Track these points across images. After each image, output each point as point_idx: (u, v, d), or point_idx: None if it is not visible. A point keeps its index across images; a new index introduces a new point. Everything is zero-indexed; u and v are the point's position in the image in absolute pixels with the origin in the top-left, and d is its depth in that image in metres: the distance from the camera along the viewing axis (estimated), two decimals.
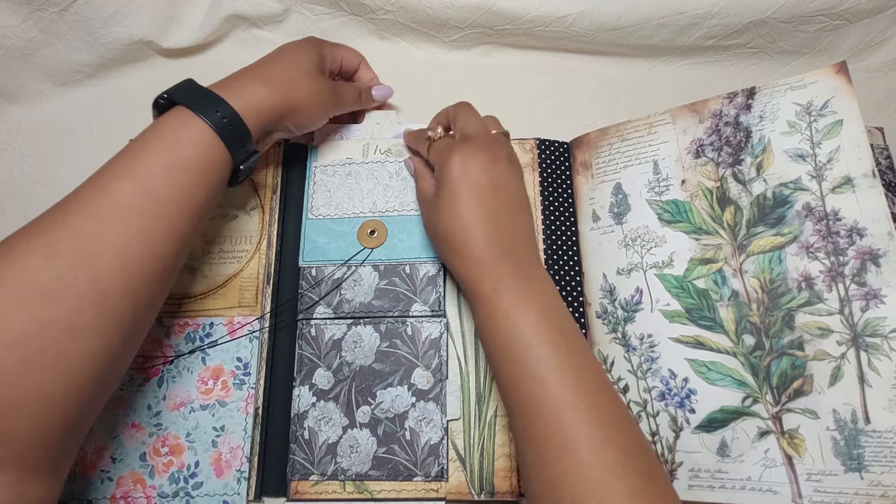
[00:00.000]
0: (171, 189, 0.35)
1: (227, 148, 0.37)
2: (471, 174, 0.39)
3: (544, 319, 0.35)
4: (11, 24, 0.52)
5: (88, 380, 0.31)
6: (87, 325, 0.31)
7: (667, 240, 0.45)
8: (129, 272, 0.33)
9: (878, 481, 0.35)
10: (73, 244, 0.31)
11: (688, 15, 0.53)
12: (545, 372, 0.33)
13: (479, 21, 0.55)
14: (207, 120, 0.36)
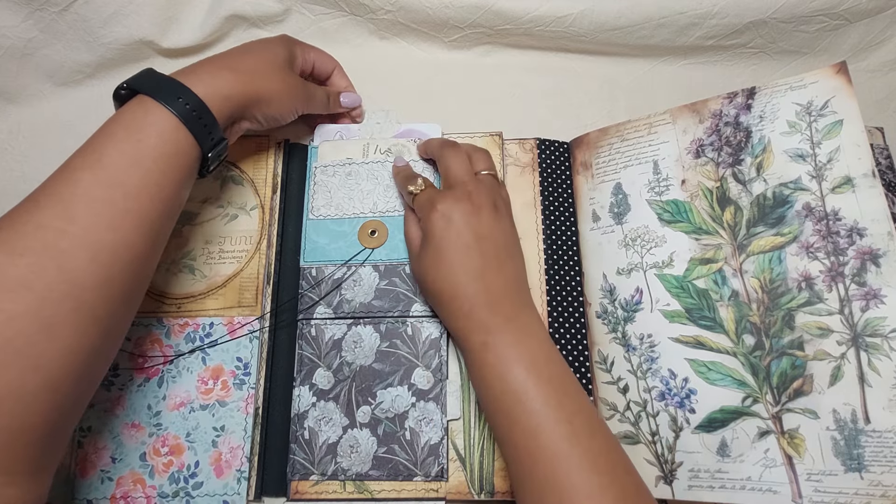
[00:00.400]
0: (139, 179, 0.34)
1: (193, 136, 0.37)
2: (453, 229, 0.39)
3: (534, 371, 0.35)
4: (11, 24, 0.52)
5: (66, 376, 0.31)
6: (60, 320, 0.30)
7: (667, 240, 0.45)
8: (99, 264, 0.32)
9: (878, 481, 0.35)
10: (39, 238, 0.31)
11: (688, 15, 0.53)
12: (536, 423, 0.34)
13: (479, 21, 0.55)
14: (171, 108, 0.36)
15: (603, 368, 0.45)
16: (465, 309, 0.38)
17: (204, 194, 0.50)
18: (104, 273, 0.32)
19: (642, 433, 0.42)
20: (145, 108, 0.36)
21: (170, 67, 0.60)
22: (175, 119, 0.36)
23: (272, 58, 0.44)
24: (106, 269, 0.32)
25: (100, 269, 0.32)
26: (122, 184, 0.34)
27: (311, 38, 0.59)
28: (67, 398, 0.31)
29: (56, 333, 0.30)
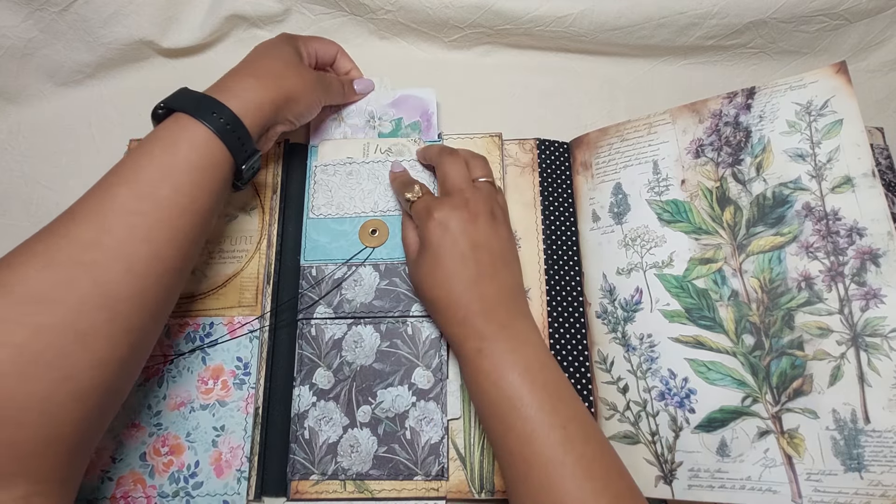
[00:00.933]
0: (172, 192, 0.35)
1: (228, 149, 0.37)
2: (449, 237, 0.39)
3: (528, 378, 0.36)
4: (11, 24, 0.52)
5: (95, 388, 0.31)
6: (94, 330, 0.31)
7: (666, 240, 0.45)
8: (133, 275, 0.32)
9: (877, 481, 0.35)
10: (72, 252, 0.31)
11: (688, 15, 0.53)
12: (531, 430, 0.34)
13: (479, 21, 0.55)
14: (207, 123, 0.36)
15: (603, 368, 0.45)
16: (459, 316, 0.38)
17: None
18: (138, 284, 0.33)
19: (642, 433, 0.42)
20: (181, 124, 0.37)
21: (170, 67, 0.60)
22: (209, 133, 0.36)
23: (286, 56, 0.44)
24: (140, 281, 0.33)
25: (134, 280, 0.32)
26: (156, 196, 0.34)
27: None
28: (96, 409, 0.32)
29: (89, 345, 0.30)
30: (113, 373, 0.32)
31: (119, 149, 0.53)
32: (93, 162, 0.55)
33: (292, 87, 0.42)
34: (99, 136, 0.57)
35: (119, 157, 0.52)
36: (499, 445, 0.36)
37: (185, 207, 0.35)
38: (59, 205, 0.53)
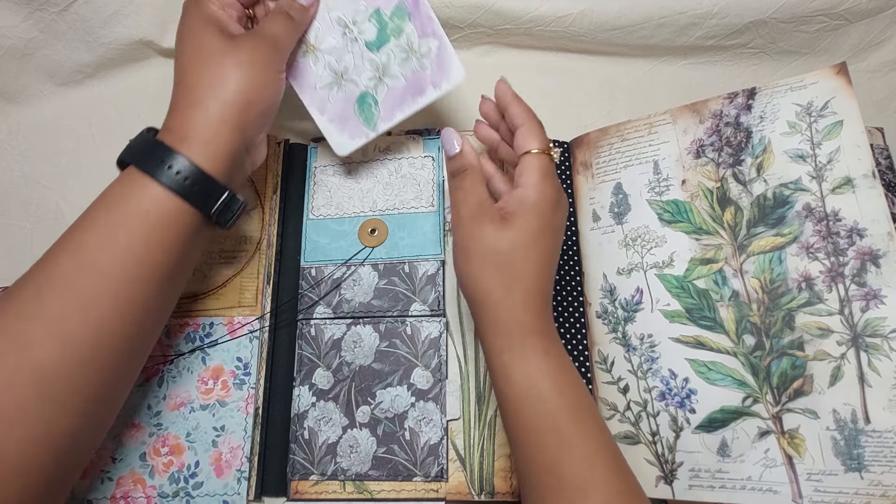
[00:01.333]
0: (117, 259, 0.32)
1: (187, 202, 0.33)
2: (560, 214, 0.36)
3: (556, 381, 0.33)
4: (11, 24, 0.52)
5: (34, 463, 0.29)
6: (23, 409, 0.29)
7: (667, 240, 0.45)
8: (70, 351, 0.30)
9: (878, 481, 0.35)
10: (11, 324, 0.30)
11: (688, 15, 0.53)
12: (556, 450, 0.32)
13: (479, 21, 0.55)
14: (159, 178, 0.33)
15: (603, 368, 0.45)
16: (538, 305, 0.34)
17: None
18: (74, 360, 0.30)
19: (642, 433, 0.42)
20: (131, 179, 0.33)
21: (170, 67, 0.60)
22: (161, 188, 0.33)
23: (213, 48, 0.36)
24: (75, 356, 0.30)
25: (69, 356, 0.30)
26: (98, 266, 0.31)
27: None
28: (44, 479, 0.30)
29: (17, 422, 0.29)
30: (57, 446, 0.30)
31: (119, 149, 0.52)
32: (93, 162, 0.55)
33: (241, 89, 0.35)
34: (99, 136, 0.57)
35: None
36: (519, 453, 0.34)
37: (134, 276, 0.32)
38: (58, 205, 0.54)
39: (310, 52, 0.42)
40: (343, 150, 0.44)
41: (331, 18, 0.42)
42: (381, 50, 0.42)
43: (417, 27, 0.41)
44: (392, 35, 0.42)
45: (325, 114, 0.44)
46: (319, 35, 0.42)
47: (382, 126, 0.43)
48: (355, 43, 0.42)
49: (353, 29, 0.42)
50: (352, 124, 0.44)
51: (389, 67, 0.43)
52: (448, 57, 0.42)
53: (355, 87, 0.43)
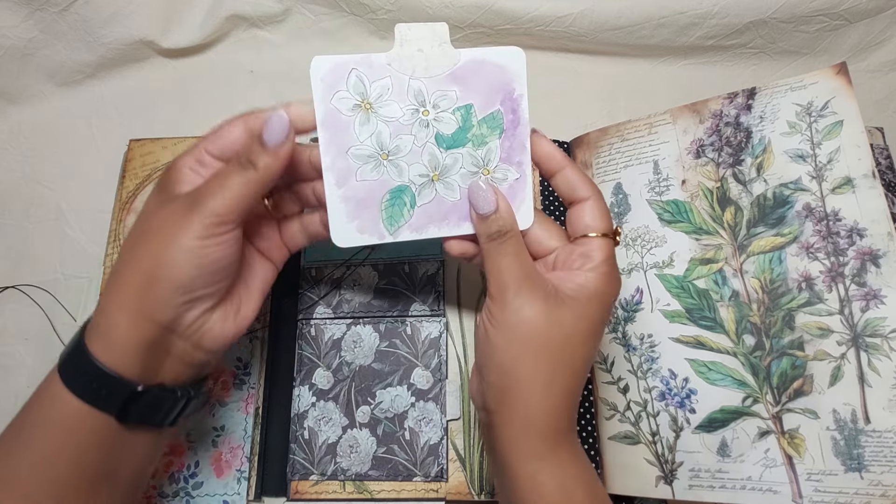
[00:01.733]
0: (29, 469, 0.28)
1: (91, 405, 0.29)
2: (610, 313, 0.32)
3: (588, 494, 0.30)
4: (11, 24, 0.52)
5: None
6: None
7: (667, 240, 0.45)
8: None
9: (878, 481, 0.35)
10: None
11: (688, 15, 0.53)
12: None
13: (479, 21, 0.55)
14: (62, 377, 0.29)
15: (603, 368, 0.45)
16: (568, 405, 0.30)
17: None
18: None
19: (643, 433, 0.42)
20: (50, 376, 0.30)
21: (170, 67, 0.60)
22: (65, 389, 0.29)
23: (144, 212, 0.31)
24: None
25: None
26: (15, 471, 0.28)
27: (311, 38, 0.59)
28: None
29: None
30: None
31: (119, 149, 0.53)
32: (93, 162, 0.55)
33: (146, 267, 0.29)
34: (99, 136, 0.57)
35: (119, 157, 0.52)
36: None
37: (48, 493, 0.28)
38: (58, 205, 0.54)
39: (362, 109, 0.32)
40: (343, 241, 0.33)
41: (409, 85, 0.33)
42: (450, 150, 0.34)
43: (504, 148, 0.34)
44: (472, 141, 0.34)
45: (342, 188, 0.33)
46: (386, 96, 0.33)
47: (405, 234, 0.34)
48: (424, 127, 0.33)
49: (429, 111, 0.33)
50: (369, 216, 0.33)
51: (450, 173, 0.34)
52: (523, 197, 0.34)
53: (396, 175, 0.33)
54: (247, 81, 0.58)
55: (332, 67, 0.32)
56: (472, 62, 0.34)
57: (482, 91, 0.34)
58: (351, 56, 0.32)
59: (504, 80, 0.34)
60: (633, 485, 0.42)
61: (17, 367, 0.48)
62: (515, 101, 0.35)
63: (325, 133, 0.32)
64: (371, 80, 0.32)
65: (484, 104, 0.34)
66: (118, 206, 0.50)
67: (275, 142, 0.29)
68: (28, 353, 0.49)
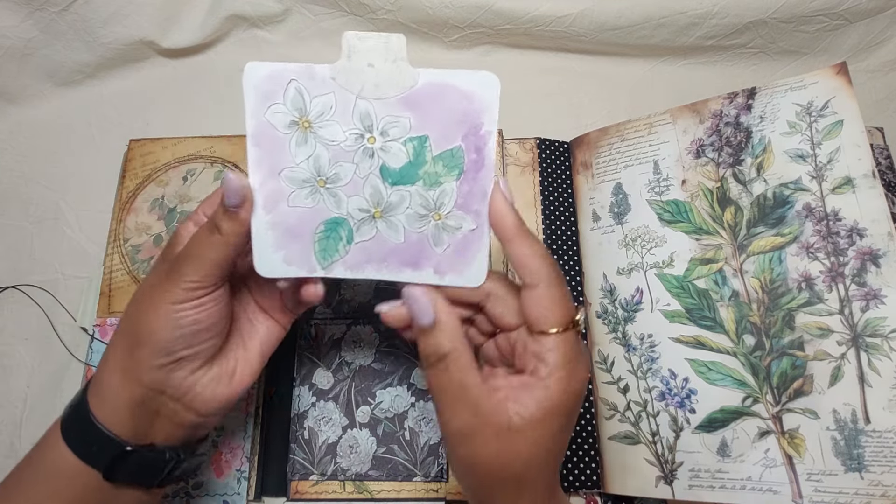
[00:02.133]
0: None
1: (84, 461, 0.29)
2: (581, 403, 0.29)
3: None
4: (11, 24, 0.52)
5: None
6: None
7: (667, 240, 0.45)
8: None
9: (878, 481, 0.35)
10: None
11: (688, 15, 0.53)
12: None
13: (479, 21, 0.55)
14: (63, 431, 0.30)
15: (603, 368, 0.45)
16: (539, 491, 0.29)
17: (204, 194, 0.50)
18: None
19: (643, 433, 0.42)
20: (53, 427, 0.31)
21: (170, 68, 0.60)
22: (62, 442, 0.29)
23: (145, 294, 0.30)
24: None
25: None
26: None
27: (310, 37, 0.59)
28: None
29: None
30: None
31: (119, 149, 0.53)
32: (93, 162, 0.55)
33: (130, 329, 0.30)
34: (99, 136, 0.57)
35: (119, 157, 0.52)
36: None
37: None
38: (58, 205, 0.54)
39: (300, 127, 0.29)
40: (267, 272, 0.30)
41: (355, 105, 0.28)
42: (396, 186, 0.29)
43: (462, 193, 0.29)
44: (423, 179, 0.29)
45: (271, 213, 0.29)
46: (328, 115, 0.29)
47: (338, 271, 0.30)
48: (369, 157, 0.29)
49: (375, 138, 0.29)
50: (299, 247, 0.30)
51: (395, 212, 0.30)
52: (476, 253, 0.30)
53: (334, 206, 0.30)
54: None
55: (267, 75, 0.28)
56: (432, 85, 0.28)
57: (441, 122, 0.28)
58: (291, 64, 0.28)
59: (470, 112, 0.28)
60: (633, 485, 0.42)
61: (17, 367, 0.48)
62: (482, 138, 0.28)
63: (255, 150, 0.29)
64: (312, 94, 0.28)
65: (442, 138, 0.28)
66: (118, 206, 0.50)
67: (233, 204, 0.28)
68: (28, 353, 0.49)
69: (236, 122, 0.57)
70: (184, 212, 0.49)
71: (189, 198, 0.50)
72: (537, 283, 0.28)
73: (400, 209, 0.30)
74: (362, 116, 0.28)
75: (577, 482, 0.43)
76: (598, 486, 0.43)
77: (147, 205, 0.50)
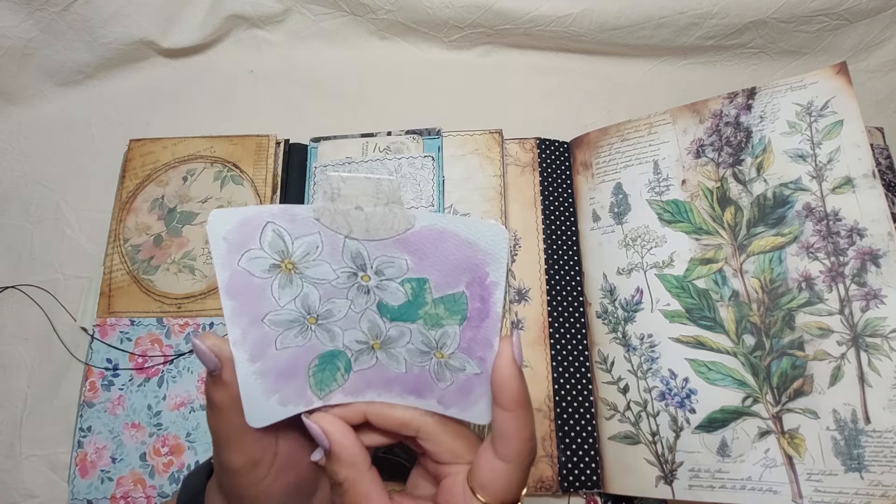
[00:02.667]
0: None
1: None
2: None
3: None
4: (11, 24, 0.52)
5: None
6: None
7: (667, 240, 0.45)
8: None
9: (878, 481, 0.35)
10: None
11: (688, 15, 0.53)
12: None
13: (479, 21, 0.55)
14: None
15: (603, 368, 0.45)
16: None
17: (204, 194, 0.50)
18: None
19: (642, 433, 0.42)
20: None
21: (170, 68, 0.60)
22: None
23: None
24: None
25: None
26: None
27: (311, 37, 0.59)
28: None
29: None
30: None
31: (119, 149, 0.53)
32: (93, 162, 0.55)
33: None
34: (99, 136, 0.57)
35: (119, 157, 0.52)
36: None
37: None
38: (58, 205, 0.54)
39: (282, 270, 0.26)
40: (259, 421, 0.27)
41: (345, 244, 0.26)
42: (395, 322, 0.27)
43: (465, 338, 0.27)
44: (424, 319, 0.27)
45: (257, 361, 0.27)
46: (314, 255, 0.26)
47: (336, 398, 0.28)
48: (364, 293, 0.27)
49: (370, 277, 0.26)
50: (294, 385, 0.28)
51: (395, 345, 0.28)
52: (482, 395, 0.28)
53: (327, 341, 0.28)
54: (247, 81, 0.58)
55: (239, 223, 0.25)
56: (431, 231, 0.25)
57: (442, 267, 0.26)
58: (264, 207, 0.25)
59: (474, 262, 0.25)
60: (633, 485, 0.42)
61: (17, 367, 0.48)
62: (487, 288, 0.26)
63: (231, 302, 0.26)
64: (294, 235, 0.25)
65: (443, 282, 0.26)
66: (118, 206, 0.50)
67: (211, 370, 0.26)
68: (28, 353, 0.49)
69: (236, 122, 0.57)
70: (184, 212, 0.49)
71: (189, 198, 0.50)
72: (510, 461, 0.25)
73: (400, 343, 0.28)
74: (353, 255, 0.26)
75: (577, 482, 0.43)
76: (598, 486, 0.43)
77: (147, 205, 0.50)
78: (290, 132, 0.53)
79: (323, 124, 0.56)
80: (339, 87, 0.58)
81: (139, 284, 0.47)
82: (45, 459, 0.45)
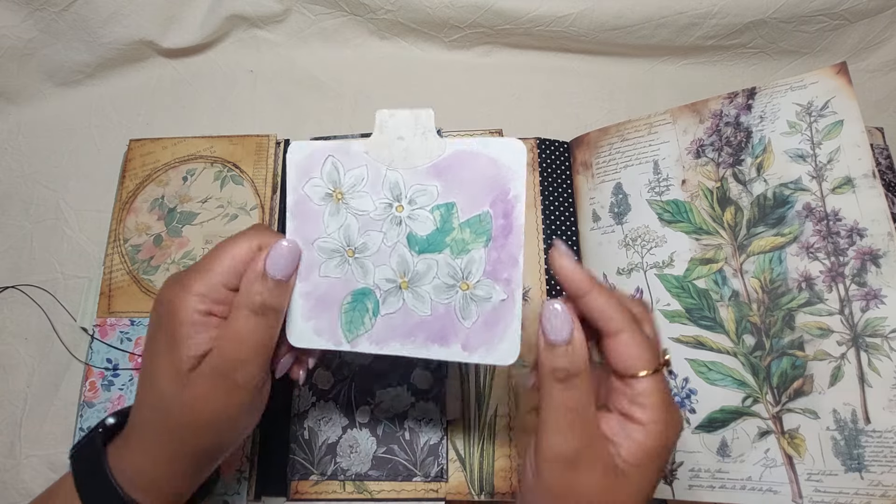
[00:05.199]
0: None
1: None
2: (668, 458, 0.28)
3: None
4: (11, 24, 0.52)
5: None
6: None
7: (667, 240, 0.45)
8: None
9: (878, 481, 0.35)
10: None
11: (688, 15, 0.53)
12: None
13: (479, 21, 0.55)
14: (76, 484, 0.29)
15: None
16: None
17: (204, 194, 0.50)
18: None
19: None
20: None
21: (170, 67, 0.60)
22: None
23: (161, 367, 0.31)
24: None
25: None
26: None
27: (311, 38, 0.59)
28: None
29: None
30: None
31: (119, 149, 0.53)
32: (93, 162, 0.55)
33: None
34: (99, 136, 0.57)
35: (119, 157, 0.52)
36: None
37: None
38: (58, 205, 0.54)
39: (333, 198, 0.31)
40: (298, 341, 0.31)
41: (385, 177, 0.30)
42: (423, 254, 0.30)
43: (490, 260, 0.29)
44: (450, 247, 0.29)
45: (303, 281, 0.31)
46: (359, 186, 0.30)
47: (364, 345, 0.31)
48: (396, 225, 0.30)
49: (403, 206, 0.30)
50: (327, 317, 0.31)
51: (422, 282, 0.30)
52: (507, 327, 0.29)
53: (361, 276, 0.31)
54: (247, 81, 0.58)
55: (308, 154, 0.31)
56: (460, 153, 0.29)
57: (469, 188, 0.29)
58: (330, 142, 0.31)
59: (498, 178, 0.29)
60: None
61: (17, 367, 0.48)
62: (510, 203, 0.28)
63: (293, 222, 0.31)
64: (346, 168, 0.30)
65: (469, 204, 0.29)
66: (118, 206, 0.50)
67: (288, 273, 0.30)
68: (28, 353, 0.49)
69: (236, 122, 0.57)
70: (184, 212, 0.49)
71: (189, 198, 0.50)
72: (621, 329, 0.27)
73: (427, 279, 0.30)
74: (392, 186, 0.30)
75: None
76: None
77: (147, 205, 0.50)
78: (290, 132, 0.53)
79: (323, 124, 0.56)
80: (339, 87, 0.58)
81: (139, 284, 0.47)
82: (45, 459, 0.45)
